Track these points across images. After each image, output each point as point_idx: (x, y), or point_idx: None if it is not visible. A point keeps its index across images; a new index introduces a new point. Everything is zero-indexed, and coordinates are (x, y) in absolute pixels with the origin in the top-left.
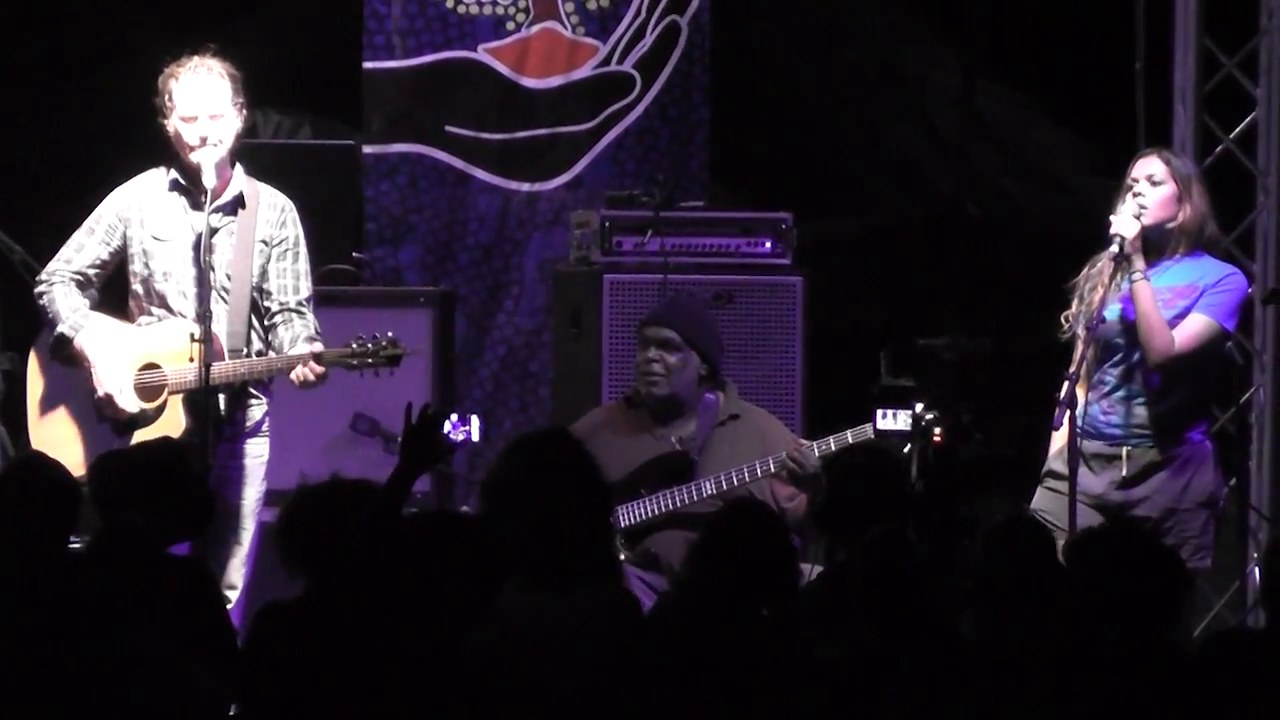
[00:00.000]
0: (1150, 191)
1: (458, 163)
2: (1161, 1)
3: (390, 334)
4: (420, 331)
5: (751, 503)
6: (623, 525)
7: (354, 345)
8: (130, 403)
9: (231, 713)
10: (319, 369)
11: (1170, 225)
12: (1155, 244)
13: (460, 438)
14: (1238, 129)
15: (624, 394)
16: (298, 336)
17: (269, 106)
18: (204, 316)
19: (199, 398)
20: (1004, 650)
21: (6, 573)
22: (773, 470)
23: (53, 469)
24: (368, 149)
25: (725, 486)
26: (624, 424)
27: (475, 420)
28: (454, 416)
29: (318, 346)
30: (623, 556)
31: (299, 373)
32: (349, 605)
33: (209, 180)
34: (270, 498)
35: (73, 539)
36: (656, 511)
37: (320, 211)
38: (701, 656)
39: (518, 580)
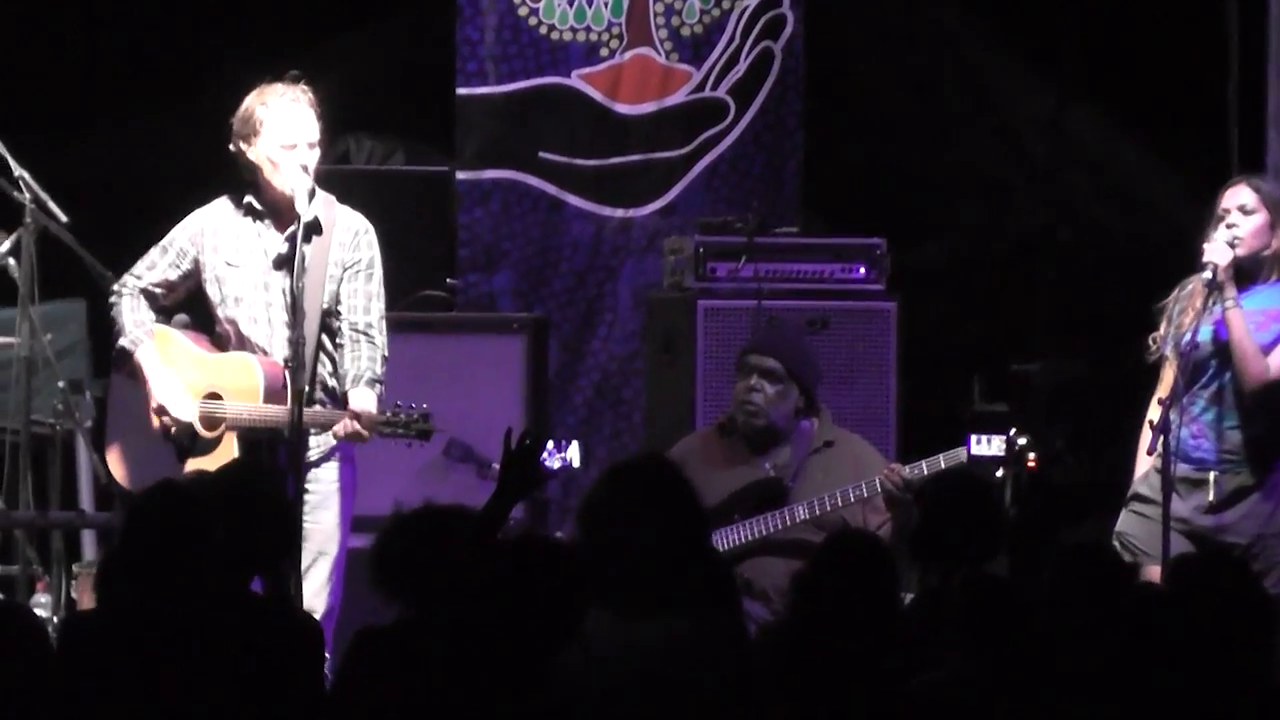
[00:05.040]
0: (1243, 221)
1: (551, 189)
2: (1256, 26)
3: (425, 406)
4: (513, 358)
5: (860, 533)
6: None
7: (389, 414)
8: (186, 411)
9: None
10: (365, 432)
11: (1265, 253)
12: (1248, 270)
13: (558, 464)
14: None
15: (718, 421)
16: (361, 375)
17: (361, 133)
18: (297, 347)
19: (258, 432)
20: (1098, 679)
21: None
22: (865, 495)
23: (190, 492)
24: (461, 175)
25: (819, 511)
26: (718, 451)
27: (575, 446)
28: (550, 443)
29: (366, 399)
30: None
31: (343, 429)
32: (444, 631)
33: (303, 208)
34: (364, 524)
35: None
36: (750, 537)
37: (413, 238)
38: (805, 685)
39: (616, 608)
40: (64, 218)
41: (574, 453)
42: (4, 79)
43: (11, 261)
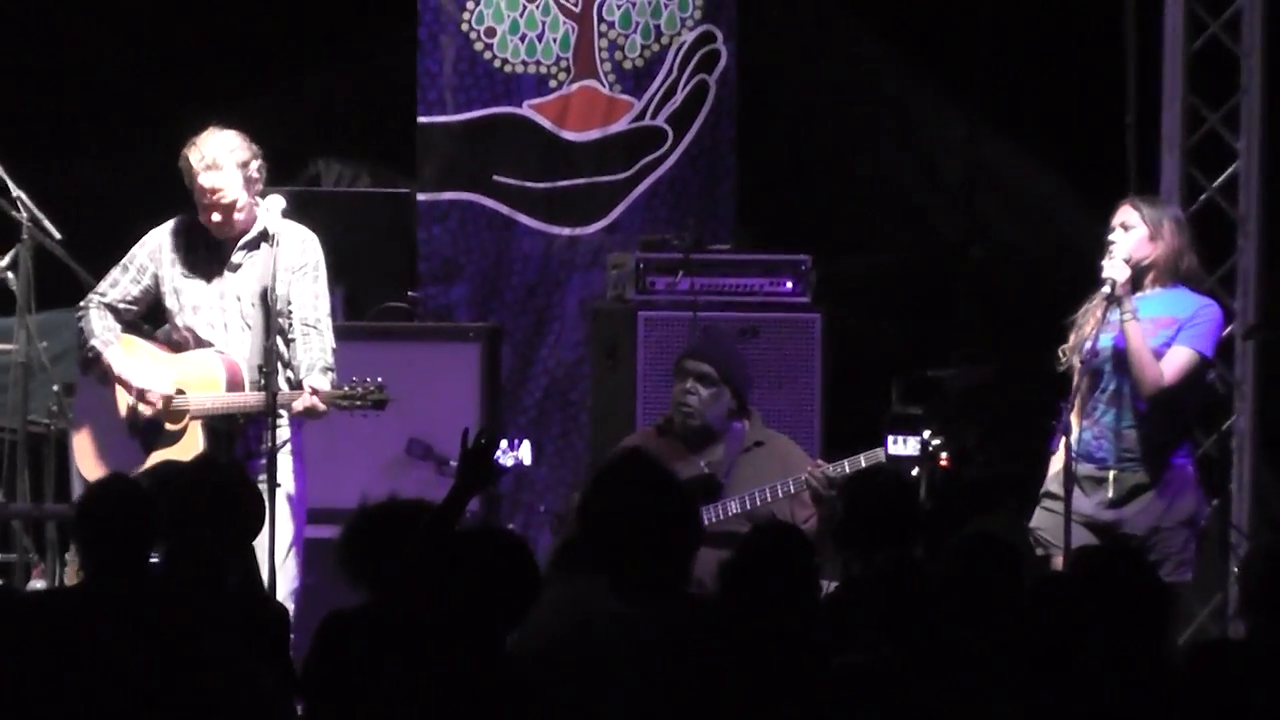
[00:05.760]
0: (1123, 237)
1: (504, 209)
2: (1151, 61)
3: (380, 380)
4: (469, 363)
5: (780, 524)
6: None
7: (345, 388)
8: (166, 388)
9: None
10: (321, 405)
11: (1145, 263)
12: (1136, 278)
13: (510, 462)
14: (1220, 178)
15: (657, 422)
16: (314, 365)
17: (331, 157)
18: (270, 350)
19: (218, 423)
20: (1003, 657)
21: (94, 587)
22: (793, 491)
23: (133, 489)
24: (421, 196)
25: (749, 506)
26: (657, 450)
27: (526, 445)
28: (504, 442)
29: (320, 382)
30: None
31: (301, 404)
32: (406, 614)
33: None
34: (332, 516)
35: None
36: None
37: (377, 254)
38: (732, 666)
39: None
40: (57, 234)
41: (525, 451)
42: (5, 110)
43: (10, 275)
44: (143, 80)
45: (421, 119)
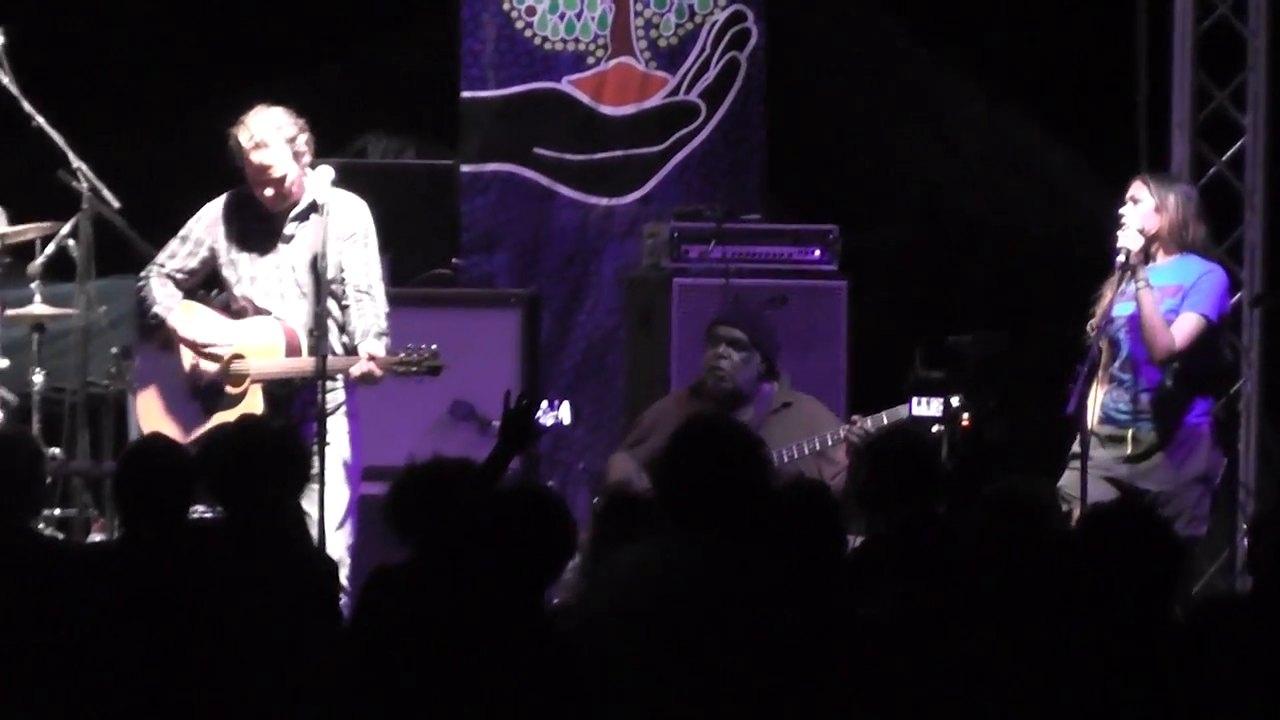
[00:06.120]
0: (1131, 211)
1: (543, 180)
2: (1161, 41)
3: (434, 347)
4: (510, 328)
5: (807, 481)
6: None
7: (401, 354)
8: (228, 348)
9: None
10: (377, 371)
11: (1151, 233)
12: (1147, 250)
13: (550, 422)
14: (1228, 154)
15: (690, 384)
16: (368, 330)
17: (378, 132)
18: (320, 316)
19: (276, 387)
20: (1019, 611)
21: (134, 542)
22: (819, 449)
23: (174, 448)
24: (465, 168)
25: (777, 464)
26: (690, 411)
27: (565, 406)
28: (544, 404)
29: (376, 347)
30: None
31: (358, 370)
32: (450, 567)
33: (280, 217)
34: (380, 474)
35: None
36: None
37: (422, 224)
38: (764, 617)
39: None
40: (116, 204)
41: (564, 412)
42: (66, 85)
43: (71, 243)
44: (196, 56)
45: (464, 94)
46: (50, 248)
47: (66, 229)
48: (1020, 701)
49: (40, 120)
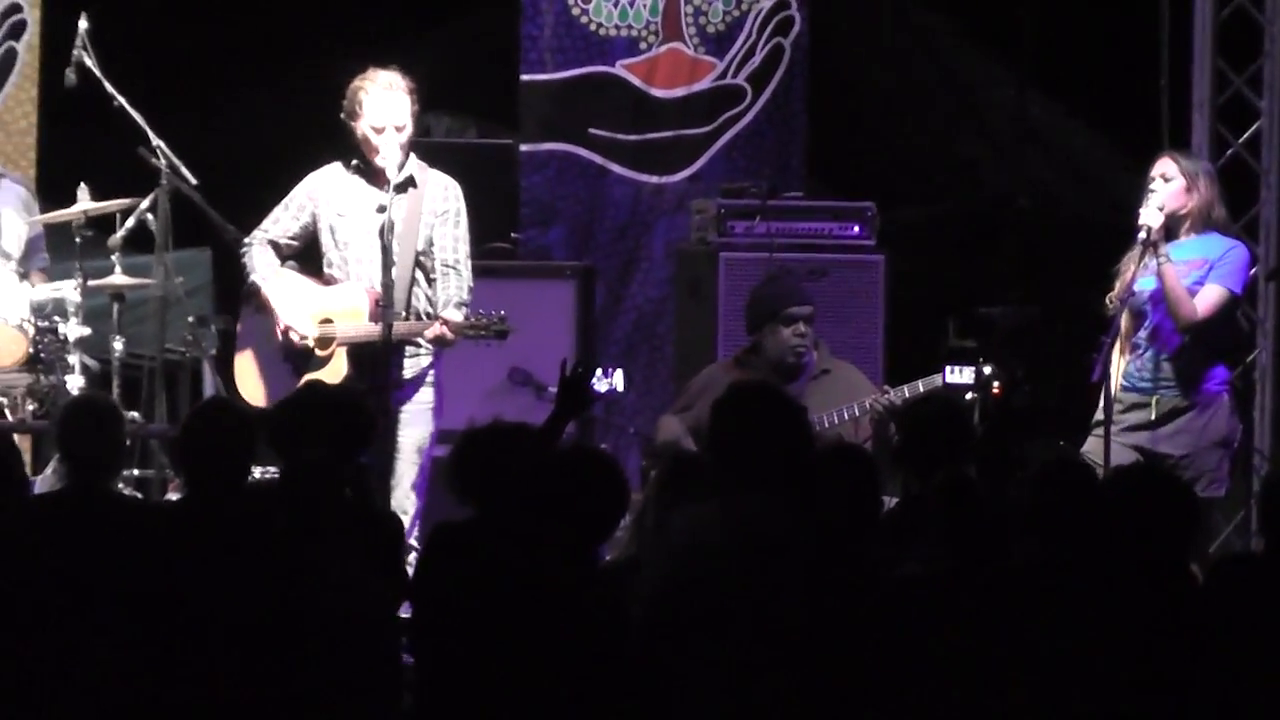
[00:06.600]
0: (1163, 187)
1: (597, 159)
2: (1182, 28)
3: (503, 312)
4: (565, 299)
5: (846, 445)
6: None
7: (473, 319)
8: (308, 329)
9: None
10: (449, 335)
11: (1182, 212)
12: (1171, 227)
13: (604, 388)
14: (1245, 135)
15: (735, 355)
16: (450, 300)
17: (441, 111)
18: (387, 287)
19: (361, 350)
20: (1048, 568)
21: (200, 499)
22: (857, 415)
23: (235, 410)
24: (523, 147)
25: (817, 428)
26: (736, 377)
27: (619, 373)
28: (598, 371)
29: (453, 315)
30: None
31: (431, 333)
32: (509, 526)
33: (392, 176)
34: (442, 437)
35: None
36: None
37: (483, 199)
38: (806, 573)
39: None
40: (193, 180)
41: (617, 379)
42: (147, 65)
43: (150, 217)
44: (270, 42)
45: (524, 77)
46: (130, 222)
47: (145, 204)
48: (1052, 650)
49: (121, 100)
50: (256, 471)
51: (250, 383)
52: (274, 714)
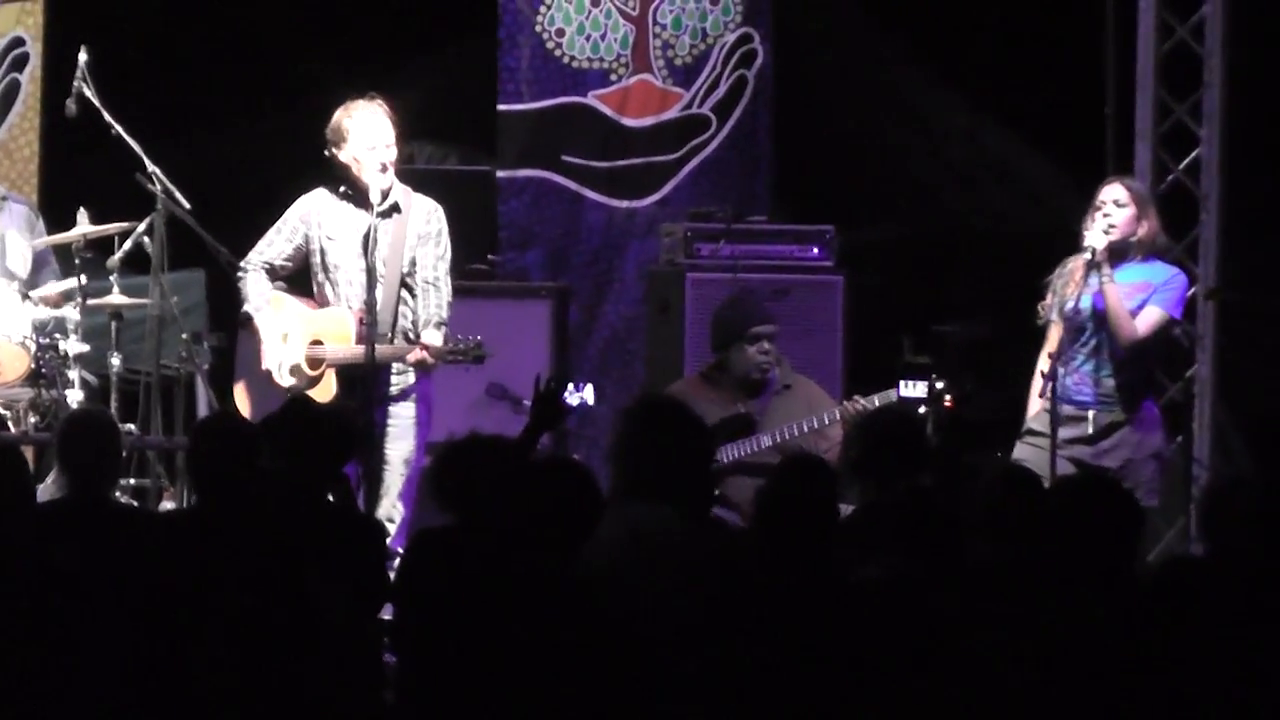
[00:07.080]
0: (1116, 212)
1: (572, 185)
2: (1127, 60)
3: (479, 338)
4: (541, 318)
5: (806, 456)
6: None
7: (451, 345)
8: (284, 379)
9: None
10: (430, 360)
11: (1132, 239)
12: (1119, 251)
13: (577, 402)
14: (1185, 161)
15: (701, 372)
16: (430, 319)
17: (423, 140)
18: (371, 306)
19: (350, 370)
20: (1000, 571)
21: (200, 509)
22: (817, 427)
23: (239, 423)
24: (501, 173)
25: (779, 440)
26: (702, 392)
27: (590, 387)
28: (571, 385)
29: (434, 338)
30: None
31: (413, 357)
32: (486, 532)
33: (375, 196)
34: (425, 448)
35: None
36: (725, 460)
37: (463, 223)
38: (766, 581)
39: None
40: (187, 204)
41: (589, 393)
42: (143, 96)
43: (146, 239)
44: (258, 73)
45: (501, 107)
46: (128, 244)
47: (142, 227)
48: (1005, 650)
49: (119, 129)
50: None
51: (248, 401)
52: (274, 714)
